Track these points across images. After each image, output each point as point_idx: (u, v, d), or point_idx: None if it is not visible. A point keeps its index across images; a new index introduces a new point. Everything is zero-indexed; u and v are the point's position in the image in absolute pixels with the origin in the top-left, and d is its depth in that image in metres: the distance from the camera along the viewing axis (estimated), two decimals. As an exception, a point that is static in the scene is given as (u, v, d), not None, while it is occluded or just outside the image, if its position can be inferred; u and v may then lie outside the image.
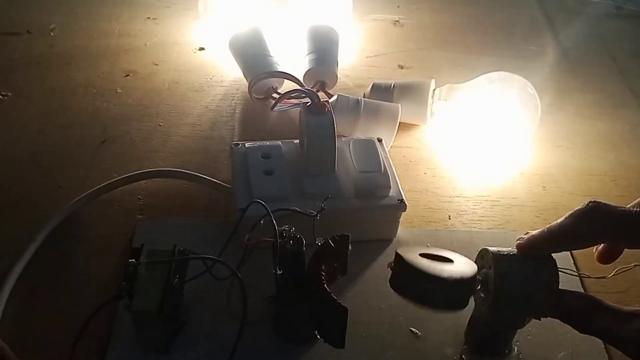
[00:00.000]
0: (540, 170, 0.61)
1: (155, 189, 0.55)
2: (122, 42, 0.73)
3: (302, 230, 0.41)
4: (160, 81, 0.68)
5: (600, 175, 0.61)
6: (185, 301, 0.44)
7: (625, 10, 0.88)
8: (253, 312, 0.39)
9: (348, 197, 0.50)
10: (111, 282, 0.47)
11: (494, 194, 0.58)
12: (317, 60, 0.63)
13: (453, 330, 0.45)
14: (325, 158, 0.50)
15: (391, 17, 0.82)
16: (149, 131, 0.62)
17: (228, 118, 0.64)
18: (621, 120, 0.68)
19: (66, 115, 0.63)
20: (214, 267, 0.40)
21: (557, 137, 0.65)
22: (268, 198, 0.42)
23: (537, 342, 0.46)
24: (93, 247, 0.50)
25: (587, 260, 0.50)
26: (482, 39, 0.80)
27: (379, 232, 0.52)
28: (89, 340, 0.42)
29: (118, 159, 0.58)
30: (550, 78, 0.73)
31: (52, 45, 0.72)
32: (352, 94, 0.61)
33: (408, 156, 0.61)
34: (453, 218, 0.56)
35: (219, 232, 0.47)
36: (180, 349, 0.43)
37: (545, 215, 0.57)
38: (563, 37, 0.81)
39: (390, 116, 0.59)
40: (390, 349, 0.45)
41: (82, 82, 0.67)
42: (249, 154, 0.52)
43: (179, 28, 0.76)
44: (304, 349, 0.44)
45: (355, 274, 0.49)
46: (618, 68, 0.76)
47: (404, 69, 0.73)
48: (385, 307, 0.47)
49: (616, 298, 0.49)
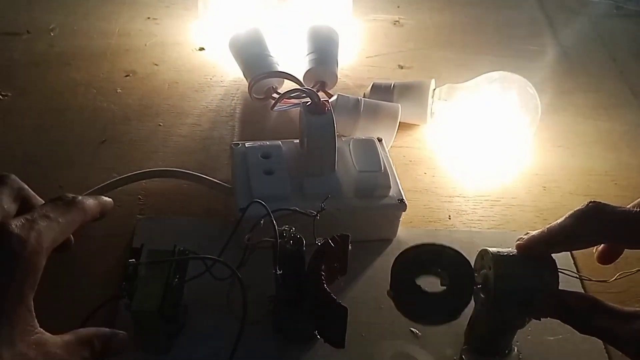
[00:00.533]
0: (540, 170, 0.61)
1: (155, 189, 0.55)
2: (122, 42, 0.73)
3: (302, 230, 0.41)
4: (160, 81, 0.68)
5: (600, 175, 0.61)
6: (185, 301, 0.44)
7: (625, 10, 0.88)
8: (253, 312, 0.39)
9: (348, 197, 0.50)
10: (111, 282, 0.47)
11: (494, 194, 0.58)
12: (317, 60, 0.63)
13: (453, 330, 0.45)
14: (325, 158, 0.50)
15: (391, 17, 0.82)
16: (149, 131, 0.62)
17: (228, 118, 0.64)
18: (621, 120, 0.68)
19: (66, 115, 0.63)
20: (214, 267, 0.40)
21: (557, 137, 0.65)
22: (268, 198, 0.42)
23: (537, 342, 0.46)
24: (93, 247, 0.50)
25: (588, 261, 0.50)
26: (482, 39, 0.80)
27: (379, 232, 0.52)
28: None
29: (118, 159, 0.58)
30: (550, 78, 0.73)
31: (52, 45, 0.72)
32: (352, 94, 0.61)
33: (408, 156, 0.61)
34: (453, 218, 0.56)
35: (219, 232, 0.47)
36: (180, 349, 0.43)
37: (545, 215, 0.57)
38: (563, 37, 0.81)
39: (390, 116, 0.59)
40: (390, 349, 0.45)
41: (82, 82, 0.67)
42: (249, 154, 0.52)
43: (179, 28, 0.76)
44: (304, 349, 0.44)
45: (355, 274, 0.49)
46: (618, 68, 0.76)
47: (404, 69, 0.73)
48: (385, 307, 0.47)
49: (616, 298, 0.49)
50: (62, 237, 0.33)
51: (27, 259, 0.30)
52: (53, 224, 0.32)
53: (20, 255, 0.29)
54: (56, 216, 0.33)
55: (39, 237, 0.31)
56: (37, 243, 0.30)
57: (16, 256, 0.29)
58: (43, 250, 0.31)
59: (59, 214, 0.33)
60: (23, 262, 0.29)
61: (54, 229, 0.32)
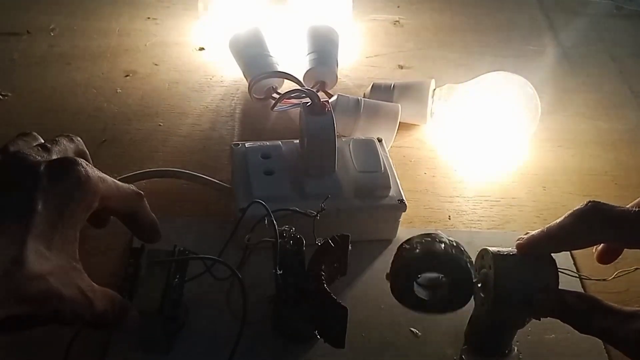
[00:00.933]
0: (540, 170, 0.61)
1: (155, 189, 0.55)
2: (122, 42, 0.73)
3: (302, 230, 0.41)
4: (160, 81, 0.68)
5: (600, 175, 0.61)
6: (185, 301, 0.44)
7: (625, 10, 0.88)
8: (253, 312, 0.39)
9: (348, 197, 0.50)
10: (111, 282, 0.47)
11: (494, 194, 0.58)
12: (317, 60, 0.63)
13: (453, 330, 0.45)
14: (325, 158, 0.50)
15: (391, 17, 0.82)
16: (149, 131, 0.62)
17: (228, 118, 0.64)
18: (621, 120, 0.68)
19: (66, 115, 0.63)
20: (214, 267, 0.40)
21: (557, 137, 0.65)
22: (268, 198, 0.42)
23: (537, 342, 0.46)
24: (93, 247, 0.50)
25: (587, 261, 0.50)
26: (482, 39, 0.80)
27: (379, 232, 0.52)
28: (89, 340, 0.42)
29: (118, 159, 0.58)
30: (550, 78, 0.73)
31: (52, 45, 0.72)
32: (352, 94, 0.61)
33: (408, 156, 0.61)
34: (453, 218, 0.56)
35: (219, 232, 0.47)
36: (180, 349, 0.43)
37: (545, 215, 0.57)
38: (563, 37, 0.81)
39: (390, 116, 0.59)
40: (390, 349, 0.45)
41: (82, 82, 0.67)
42: (249, 154, 0.52)
43: (179, 28, 0.76)
44: (304, 349, 0.44)
45: (355, 274, 0.49)
46: (618, 68, 0.76)
47: (404, 69, 0.73)
48: (385, 307, 0.47)
49: (616, 298, 0.49)
50: (112, 197, 0.35)
51: (88, 191, 0.33)
52: (112, 182, 0.36)
53: (83, 187, 0.33)
54: (114, 181, 0.36)
55: (99, 181, 0.34)
56: (97, 185, 0.34)
57: (81, 187, 0.32)
58: (99, 193, 0.34)
59: (118, 183, 0.36)
60: (84, 193, 0.33)
61: (111, 185, 0.35)
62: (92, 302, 0.33)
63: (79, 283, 0.33)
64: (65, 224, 0.32)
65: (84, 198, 0.33)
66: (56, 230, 0.31)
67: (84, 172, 0.33)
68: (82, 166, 0.33)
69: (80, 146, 0.39)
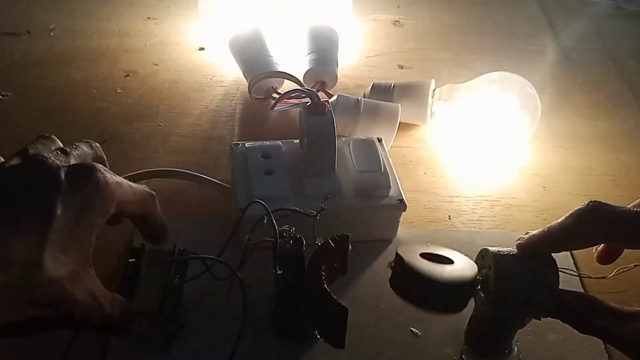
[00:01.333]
0: (540, 170, 0.61)
1: (155, 189, 0.54)
2: (122, 42, 0.73)
3: (302, 230, 0.41)
4: (160, 81, 0.68)
5: (600, 175, 0.61)
6: (186, 301, 0.44)
7: (625, 10, 0.88)
8: (253, 312, 0.39)
9: (348, 197, 0.50)
10: (111, 282, 0.47)
11: (494, 194, 0.58)
12: (317, 60, 0.63)
13: (453, 330, 0.45)
14: (325, 158, 0.50)
15: (391, 17, 0.82)
16: (149, 131, 0.62)
17: (228, 118, 0.64)
18: (621, 120, 0.68)
19: (66, 115, 0.63)
20: (214, 267, 0.40)
21: (557, 137, 0.65)
22: (268, 198, 0.42)
23: (537, 342, 0.46)
24: (93, 247, 0.50)
25: (587, 260, 0.50)
26: (482, 39, 0.80)
27: (379, 232, 0.52)
28: (89, 340, 0.42)
29: (118, 159, 0.58)
30: (550, 78, 0.73)
31: (52, 45, 0.72)
32: (352, 94, 0.61)
33: (408, 156, 0.61)
34: (453, 218, 0.56)
35: (219, 232, 0.47)
36: (180, 349, 0.43)
37: (545, 215, 0.57)
38: (563, 37, 0.81)
39: (390, 116, 0.59)
40: (390, 349, 0.45)
41: (82, 82, 0.67)
42: (249, 154, 0.52)
43: (179, 28, 0.76)
44: (304, 349, 0.44)
45: (355, 274, 0.49)
46: (618, 68, 0.76)
47: (404, 69, 0.73)
48: (385, 307, 0.47)
49: (616, 298, 0.49)
50: (129, 202, 0.36)
51: (106, 198, 0.33)
52: (128, 187, 0.36)
53: (102, 194, 0.33)
54: (130, 184, 0.37)
55: (117, 187, 0.34)
56: (114, 191, 0.34)
57: (99, 194, 0.33)
58: (116, 199, 0.34)
59: (133, 186, 0.37)
60: (102, 200, 0.33)
61: (128, 190, 0.36)
62: (103, 307, 0.33)
63: (91, 288, 0.33)
64: (82, 229, 0.32)
65: (102, 205, 0.33)
66: (73, 236, 0.32)
67: (102, 179, 0.33)
68: (101, 172, 0.34)
69: (99, 152, 0.39)
